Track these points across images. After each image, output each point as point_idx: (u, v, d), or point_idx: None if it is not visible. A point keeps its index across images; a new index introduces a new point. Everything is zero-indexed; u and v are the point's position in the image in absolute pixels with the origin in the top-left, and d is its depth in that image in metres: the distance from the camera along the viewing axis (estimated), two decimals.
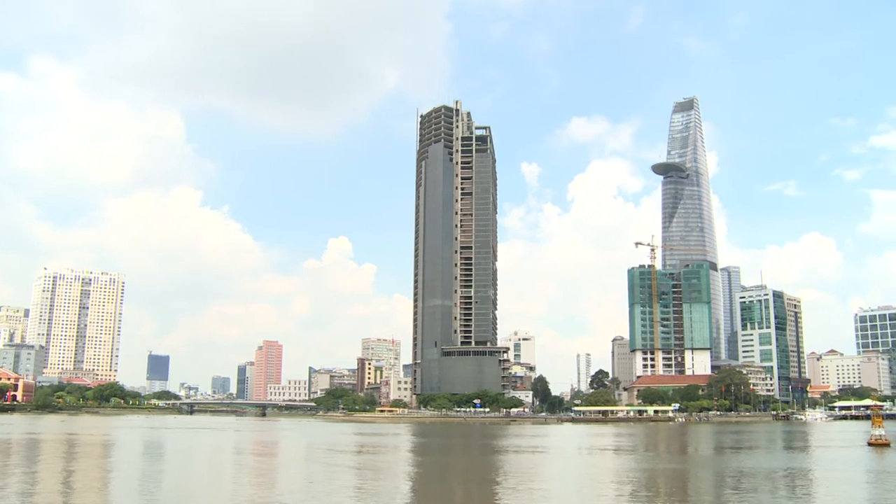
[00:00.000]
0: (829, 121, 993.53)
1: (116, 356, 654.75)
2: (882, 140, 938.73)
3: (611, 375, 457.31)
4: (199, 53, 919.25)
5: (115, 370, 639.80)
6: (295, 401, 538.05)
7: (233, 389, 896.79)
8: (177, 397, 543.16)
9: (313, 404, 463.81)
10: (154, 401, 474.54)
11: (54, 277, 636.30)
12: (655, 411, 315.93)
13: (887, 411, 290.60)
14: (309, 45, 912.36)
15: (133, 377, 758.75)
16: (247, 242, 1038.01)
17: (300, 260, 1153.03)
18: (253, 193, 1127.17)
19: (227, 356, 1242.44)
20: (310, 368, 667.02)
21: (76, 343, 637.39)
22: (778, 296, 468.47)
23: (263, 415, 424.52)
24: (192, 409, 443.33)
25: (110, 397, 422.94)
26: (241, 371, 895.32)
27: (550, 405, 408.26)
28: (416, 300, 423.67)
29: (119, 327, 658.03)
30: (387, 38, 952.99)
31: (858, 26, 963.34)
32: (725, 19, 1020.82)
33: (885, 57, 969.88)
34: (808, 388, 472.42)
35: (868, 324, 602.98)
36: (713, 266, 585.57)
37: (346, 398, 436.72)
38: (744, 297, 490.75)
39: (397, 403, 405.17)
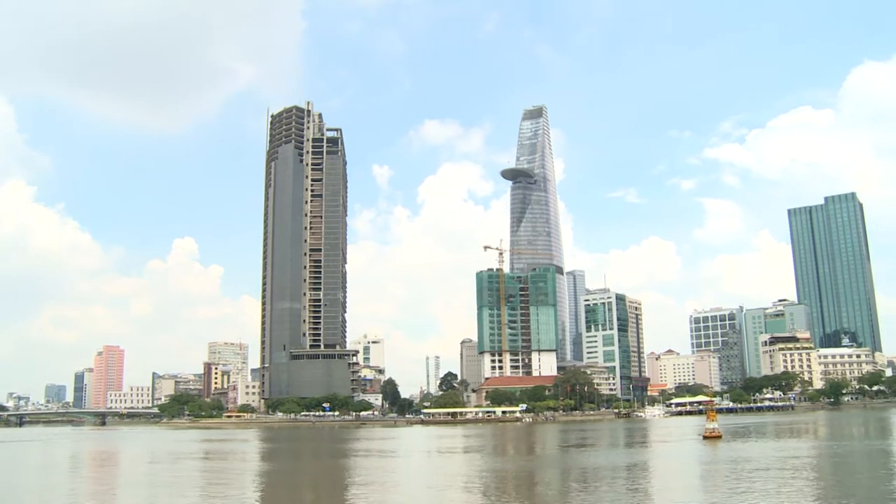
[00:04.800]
0: (668, 133, 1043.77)
1: None
2: (714, 152, 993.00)
3: (459, 377, 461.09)
4: (33, 36, 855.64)
5: None
6: (137, 408, 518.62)
7: (69, 398, 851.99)
8: (3, 408, 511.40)
9: (157, 411, 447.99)
10: None
11: None
12: (503, 412, 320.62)
13: (717, 406, 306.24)
14: (156, 34, 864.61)
15: None
16: (84, 242, 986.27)
17: (143, 261, 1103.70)
18: (92, 190, 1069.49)
19: (63, 362, 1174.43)
20: (153, 374, 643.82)
21: None
22: (620, 299, 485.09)
23: (103, 423, 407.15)
24: (21, 420, 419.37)
25: None
26: (79, 378, 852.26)
27: (400, 407, 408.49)
28: (264, 303, 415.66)
29: None
30: (240, 32, 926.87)
31: (696, 45, 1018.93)
32: (575, 30, 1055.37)
33: (719, 75, 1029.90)
34: (647, 387, 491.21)
35: (701, 324, 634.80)
36: (559, 270, 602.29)
37: (191, 404, 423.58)
38: (588, 300, 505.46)
39: (245, 408, 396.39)
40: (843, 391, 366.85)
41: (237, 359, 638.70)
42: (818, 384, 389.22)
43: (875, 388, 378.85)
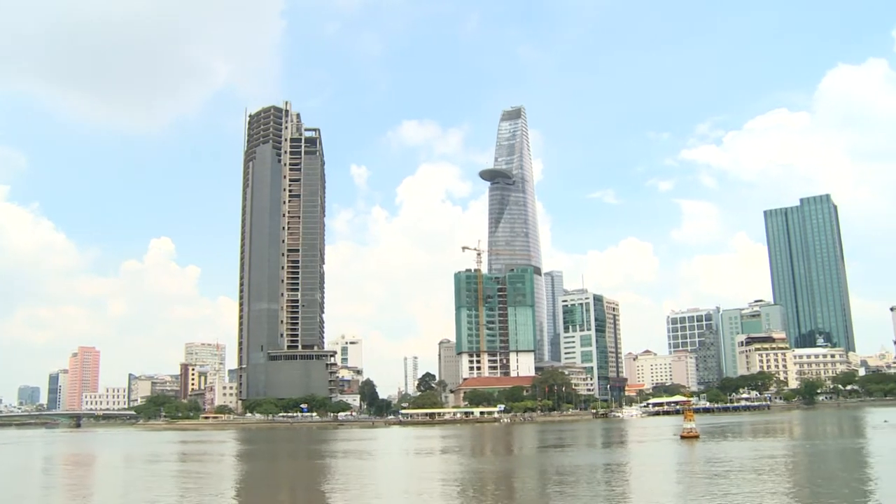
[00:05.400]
0: (646, 134, 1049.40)
1: None
2: (692, 154, 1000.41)
3: (437, 378, 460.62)
4: (8, 32, 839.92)
5: None
6: (113, 410, 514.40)
7: (43, 400, 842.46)
8: None
9: (133, 413, 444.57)
10: None
11: None
12: (481, 412, 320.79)
13: (693, 406, 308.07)
14: (134, 32, 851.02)
15: None
16: (59, 242, 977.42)
17: (119, 261, 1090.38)
18: (68, 190, 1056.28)
19: (37, 364, 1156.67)
20: (129, 375, 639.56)
21: None
22: (598, 299, 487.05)
23: (78, 425, 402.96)
24: None
25: None
26: (53, 379, 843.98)
27: (378, 408, 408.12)
28: (241, 303, 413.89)
29: None
30: (218, 31, 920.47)
31: (674, 48, 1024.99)
32: (554, 31, 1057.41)
33: (696, 77, 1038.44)
34: (625, 387, 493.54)
35: (678, 325, 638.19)
36: (537, 270, 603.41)
37: (168, 405, 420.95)
38: (566, 301, 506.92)
39: (222, 409, 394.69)
40: (818, 391, 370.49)
41: (214, 360, 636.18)
42: (793, 384, 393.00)
43: (849, 387, 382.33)
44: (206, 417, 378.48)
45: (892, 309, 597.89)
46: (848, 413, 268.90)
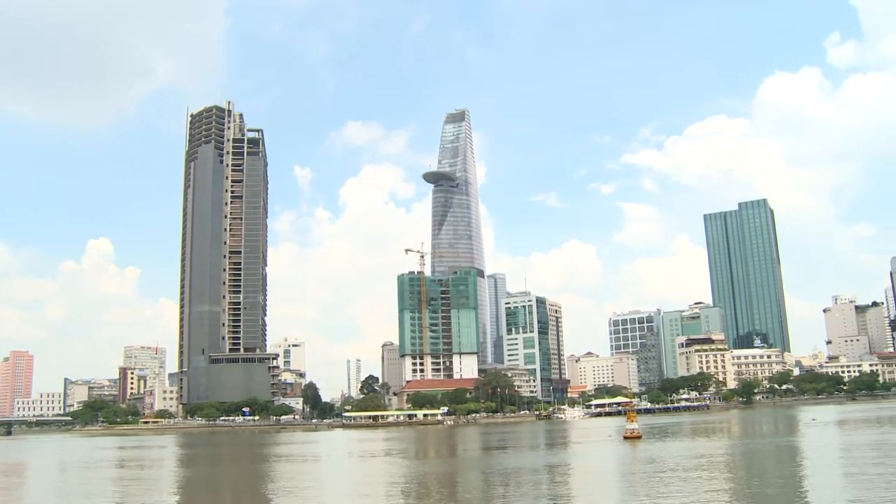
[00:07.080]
0: (589, 138, 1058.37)
1: None
2: (634, 158, 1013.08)
3: (381, 380, 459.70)
4: None
5: None
6: (48, 416, 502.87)
7: None
8: None
9: (69, 418, 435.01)
10: None
11: None
12: (425, 415, 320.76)
13: (635, 406, 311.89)
14: (72, 27, 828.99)
15: None
16: None
17: (55, 262, 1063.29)
18: (0, 189, 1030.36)
19: None
20: (65, 380, 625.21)
21: None
22: (541, 301, 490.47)
23: (9, 433, 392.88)
24: None
25: None
26: None
27: (321, 411, 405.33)
28: (182, 306, 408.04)
29: None
30: (160, 27, 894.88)
31: (618, 52, 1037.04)
32: (502, 34, 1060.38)
33: (639, 82, 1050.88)
34: (568, 389, 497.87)
35: (620, 327, 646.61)
36: (480, 273, 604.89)
37: (106, 410, 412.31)
38: (509, 303, 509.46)
39: (163, 414, 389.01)
40: (755, 390, 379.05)
41: (154, 363, 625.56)
42: (732, 384, 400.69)
43: (784, 386, 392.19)
44: (146, 422, 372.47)
45: (824, 310, 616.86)
46: (783, 412, 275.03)
